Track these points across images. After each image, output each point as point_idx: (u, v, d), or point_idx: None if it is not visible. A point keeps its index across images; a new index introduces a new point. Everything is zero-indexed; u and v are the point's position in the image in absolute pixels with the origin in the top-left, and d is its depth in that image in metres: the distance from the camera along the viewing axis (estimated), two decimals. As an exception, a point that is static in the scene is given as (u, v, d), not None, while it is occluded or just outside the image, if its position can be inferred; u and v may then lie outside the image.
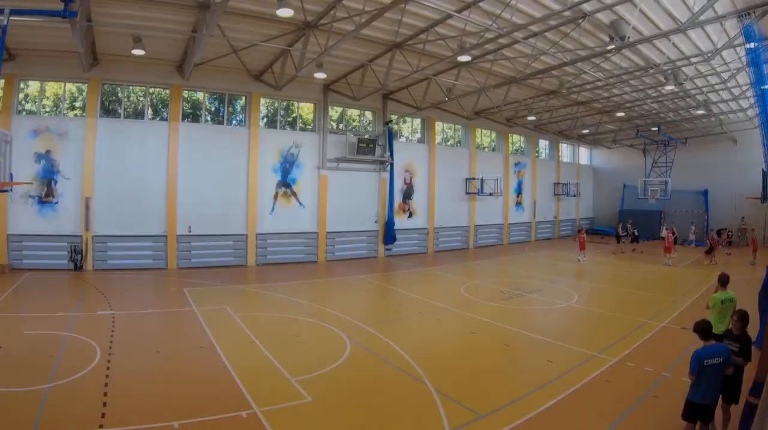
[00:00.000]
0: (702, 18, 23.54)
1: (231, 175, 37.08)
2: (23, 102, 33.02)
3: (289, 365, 15.69)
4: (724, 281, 14.98)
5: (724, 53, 30.10)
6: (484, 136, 56.71)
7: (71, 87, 34.06)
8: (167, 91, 35.79)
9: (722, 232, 54.84)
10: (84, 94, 33.64)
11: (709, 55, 29.01)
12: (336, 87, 40.51)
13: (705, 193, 60.14)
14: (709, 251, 40.84)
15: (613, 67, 33.59)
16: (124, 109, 35.19)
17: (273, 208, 38.93)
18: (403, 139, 48.34)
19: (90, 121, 32.68)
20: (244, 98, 38.71)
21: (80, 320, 20.51)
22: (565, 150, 68.83)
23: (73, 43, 25.62)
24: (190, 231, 35.30)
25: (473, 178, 51.73)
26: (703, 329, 10.79)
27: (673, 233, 42.06)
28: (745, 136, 53.92)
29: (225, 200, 36.77)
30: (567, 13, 24.73)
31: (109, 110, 34.73)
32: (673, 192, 57.16)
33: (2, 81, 30.71)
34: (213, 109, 38.74)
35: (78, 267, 31.91)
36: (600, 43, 28.70)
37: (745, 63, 31.05)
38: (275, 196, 39.08)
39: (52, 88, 33.80)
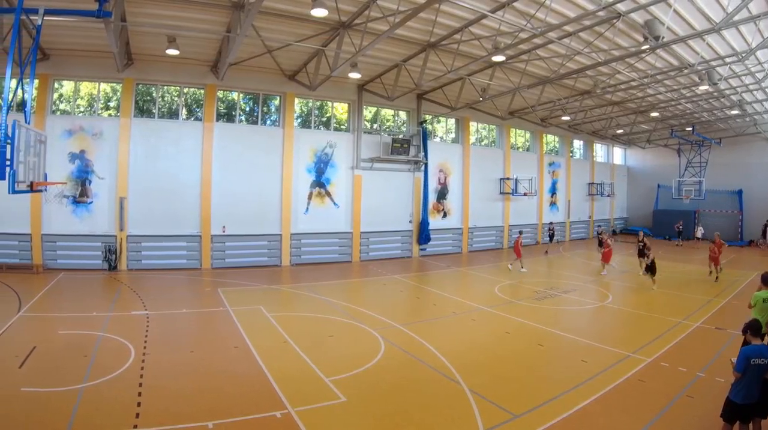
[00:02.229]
0: (736, 18, 22.66)
1: (265, 176, 36.47)
2: (57, 102, 32.52)
3: (323, 365, 15.52)
4: (766, 279, 14.54)
5: (759, 53, 29.09)
6: (519, 136, 55.43)
7: (105, 87, 33.47)
8: (201, 91, 35.18)
9: None
10: (118, 94, 33.11)
11: (743, 55, 28.37)
12: (370, 87, 39.82)
13: (739, 193, 58.78)
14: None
15: (648, 67, 32.81)
16: (159, 109, 34.58)
17: (307, 209, 38.18)
18: (437, 139, 47.25)
19: (124, 121, 32.23)
20: (278, 98, 38.00)
21: (114, 320, 20.25)
22: (599, 150, 67.18)
23: (107, 43, 25.09)
24: (224, 231, 34.70)
25: (507, 178, 50.55)
26: (753, 327, 10.65)
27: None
28: (780, 136, 52.60)
29: (259, 200, 36.16)
30: (601, 13, 24.29)
31: (143, 110, 34.17)
32: (707, 192, 56.68)
33: (37, 81, 29.67)
34: (247, 109, 37.96)
35: (112, 267, 31.39)
36: (634, 43, 28.05)
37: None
38: (309, 197, 38.34)
39: (86, 88, 33.20)
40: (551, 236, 49.06)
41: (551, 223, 50.78)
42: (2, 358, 15.17)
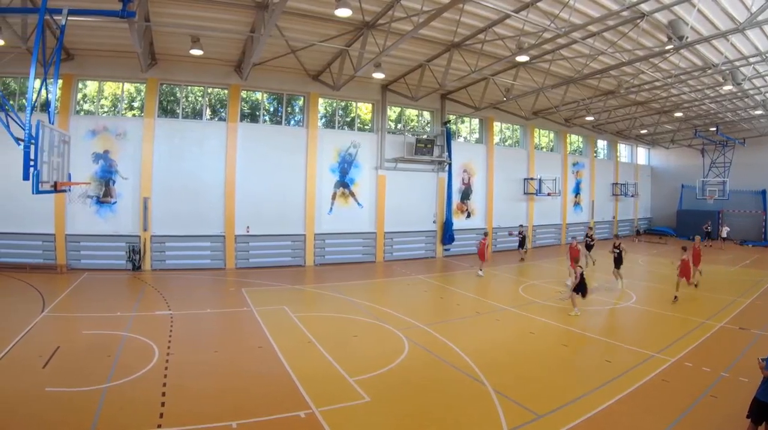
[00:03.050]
0: (760, 18, 22.38)
1: (289, 176, 36.16)
2: (81, 102, 32.41)
3: (347, 365, 15.46)
4: None
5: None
6: (543, 137, 54.69)
7: (129, 87, 33.35)
8: (225, 92, 34.97)
9: None
10: (142, 94, 32.95)
11: (767, 55, 28.29)
12: (394, 87, 39.40)
13: (763, 193, 58.06)
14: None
15: (672, 67, 32.20)
16: (183, 109, 34.37)
17: (331, 209, 37.85)
18: (461, 140, 46.68)
19: (148, 122, 32.05)
20: (302, 98, 37.66)
21: (138, 320, 20.12)
22: (623, 150, 66.32)
23: (131, 43, 24.98)
24: (248, 231, 34.46)
25: (531, 179, 49.97)
26: None
27: None
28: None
29: (283, 200, 35.88)
30: (625, 13, 24.06)
31: (167, 110, 33.98)
32: (731, 192, 56.53)
33: (60, 81, 29.85)
34: (271, 109, 37.62)
35: (136, 267, 31.15)
36: (658, 43, 27.57)
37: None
38: (333, 197, 38.01)
39: (110, 88, 33.06)
40: (521, 242, 43.30)
41: (521, 226, 45.76)
42: (26, 358, 15.11)
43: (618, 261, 29.72)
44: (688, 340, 18.60)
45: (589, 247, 35.67)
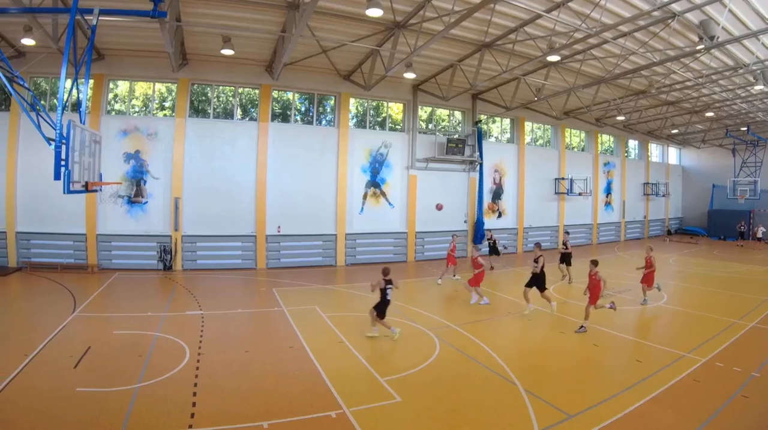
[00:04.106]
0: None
1: (320, 176, 35.73)
2: (112, 102, 32.23)
3: (378, 365, 15.45)
4: None
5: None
6: (574, 136, 53.74)
7: (160, 87, 33.08)
8: (256, 91, 34.63)
9: None
10: (173, 94, 32.72)
11: (799, 54, 27.93)
12: (425, 87, 38.87)
13: (795, 193, 56.91)
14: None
15: (703, 67, 31.84)
16: (213, 109, 34.06)
17: (362, 209, 37.36)
18: (492, 139, 45.88)
19: (179, 121, 31.84)
20: (333, 98, 37.25)
21: (169, 320, 19.99)
22: (654, 150, 65.28)
23: (162, 43, 24.86)
24: (279, 231, 34.08)
25: (562, 179, 49.27)
26: None
27: None
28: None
29: (314, 200, 35.46)
30: (656, 13, 24.02)
31: (198, 110, 33.63)
32: (762, 192, 55.78)
33: (91, 81, 29.84)
34: (302, 109, 37.17)
35: (167, 267, 30.91)
36: (689, 43, 27.34)
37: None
38: (364, 196, 37.51)
39: (141, 88, 32.81)
40: (493, 248, 37.10)
41: (489, 231, 39.28)
42: (57, 358, 15.00)
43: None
44: (719, 340, 18.44)
45: (564, 258, 30.56)
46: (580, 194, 49.48)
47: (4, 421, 11.07)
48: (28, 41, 24.86)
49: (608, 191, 56.45)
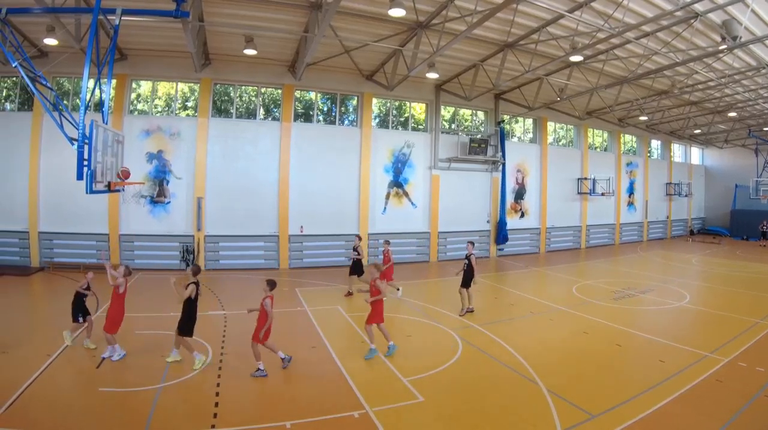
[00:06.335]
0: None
1: (343, 176, 35.00)
2: (135, 102, 31.66)
3: (401, 365, 15.34)
4: None
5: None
6: (596, 136, 52.37)
7: (183, 87, 32.46)
8: (279, 91, 33.93)
9: None
10: (196, 94, 32.10)
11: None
12: (448, 87, 37.92)
13: (818, 193, 55.09)
14: None
15: (725, 67, 31.36)
16: (236, 109, 33.42)
17: (385, 209, 36.56)
18: (515, 139, 44.71)
19: (202, 121, 31.28)
20: (356, 98, 36.47)
21: (192, 320, 19.94)
22: (676, 150, 63.72)
23: (184, 43, 24.52)
24: (302, 231, 33.37)
25: (585, 179, 47.95)
26: None
27: None
28: None
29: (337, 200, 34.71)
30: (679, 13, 23.77)
31: (221, 110, 32.95)
32: (785, 192, 53.70)
33: (114, 81, 29.20)
34: (325, 109, 36.31)
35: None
36: (712, 43, 26.90)
37: None
38: (387, 197, 36.70)
39: (163, 88, 32.20)
40: (356, 264, 27.24)
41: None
42: (79, 358, 15.01)
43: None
44: (741, 340, 18.33)
45: (466, 274, 22.79)
46: (602, 194, 48.09)
47: (27, 421, 11.04)
48: (50, 41, 24.30)
49: (631, 191, 55.17)
